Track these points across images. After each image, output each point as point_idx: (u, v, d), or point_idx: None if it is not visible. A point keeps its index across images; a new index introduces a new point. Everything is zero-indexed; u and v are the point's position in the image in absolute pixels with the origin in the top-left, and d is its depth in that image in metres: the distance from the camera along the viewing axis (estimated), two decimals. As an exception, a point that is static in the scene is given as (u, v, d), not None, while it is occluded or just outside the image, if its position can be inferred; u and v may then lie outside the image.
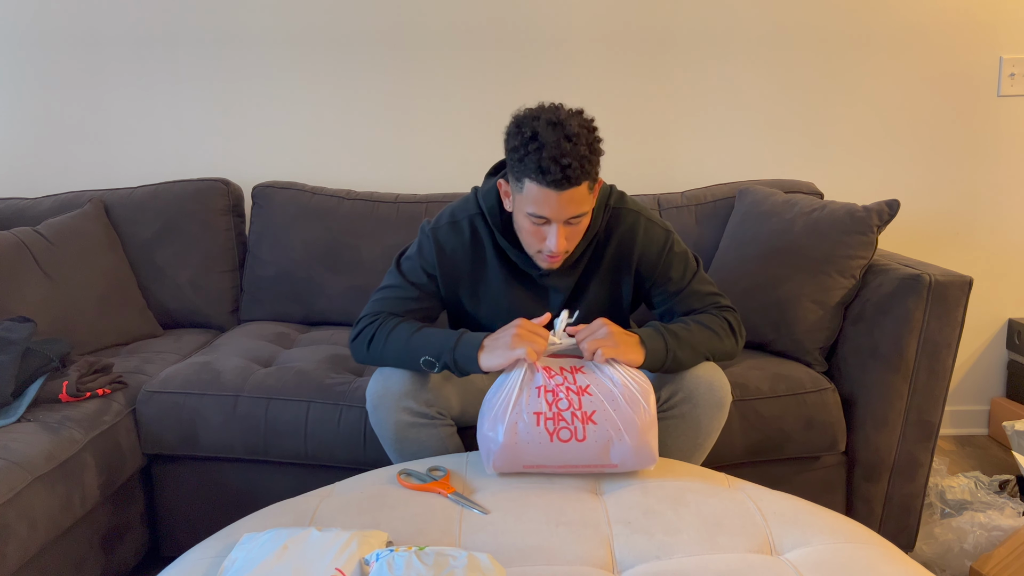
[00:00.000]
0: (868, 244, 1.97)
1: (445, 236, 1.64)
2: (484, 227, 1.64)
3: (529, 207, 1.47)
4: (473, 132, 2.63)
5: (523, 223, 1.51)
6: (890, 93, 2.62)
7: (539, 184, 1.43)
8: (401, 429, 1.59)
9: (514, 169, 1.48)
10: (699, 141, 2.66)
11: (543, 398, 1.41)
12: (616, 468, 1.41)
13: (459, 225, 1.64)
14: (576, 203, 1.46)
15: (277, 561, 1.09)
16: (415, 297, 1.65)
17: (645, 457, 1.40)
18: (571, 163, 1.41)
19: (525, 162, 1.44)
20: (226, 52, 2.62)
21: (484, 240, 1.64)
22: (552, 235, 1.49)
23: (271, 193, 2.47)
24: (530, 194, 1.46)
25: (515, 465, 1.41)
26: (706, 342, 1.60)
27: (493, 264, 1.64)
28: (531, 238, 1.53)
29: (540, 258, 1.56)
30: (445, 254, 1.63)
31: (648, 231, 1.64)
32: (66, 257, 2.23)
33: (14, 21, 2.61)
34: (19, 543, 1.50)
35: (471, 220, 1.64)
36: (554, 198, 1.44)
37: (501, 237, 1.61)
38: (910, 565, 1.16)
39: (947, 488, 2.10)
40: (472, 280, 1.66)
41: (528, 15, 2.58)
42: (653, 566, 1.16)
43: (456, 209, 1.66)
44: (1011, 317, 2.74)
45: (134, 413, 1.93)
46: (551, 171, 1.41)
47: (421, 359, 1.54)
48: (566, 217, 1.47)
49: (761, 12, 2.58)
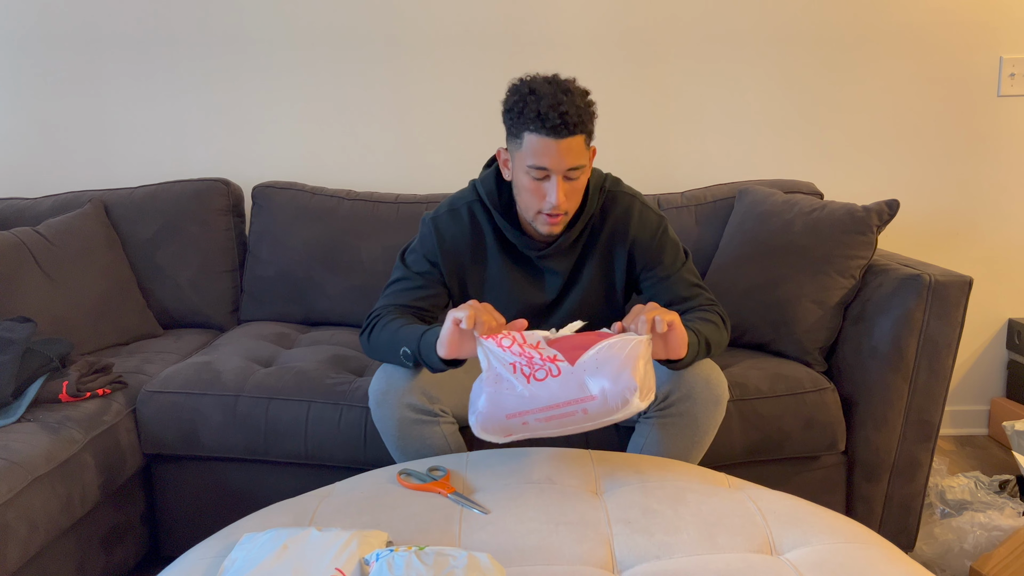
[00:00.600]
0: (868, 244, 1.97)
1: (445, 224, 1.67)
2: (482, 212, 1.67)
3: (529, 160, 1.50)
4: (473, 132, 2.63)
5: (523, 181, 1.54)
6: (890, 93, 2.62)
7: (538, 134, 1.48)
8: (404, 426, 1.60)
9: (513, 126, 1.52)
10: (699, 141, 2.66)
11: (518, 357, 1.38)
12: (596, 400, 1.35)
13: (458, 212, 1.67)
14: (574, 154, 1.50)
15: (277, 561, 1.09)
16: (420, 286, 1.68)
17: (624, 383, 1.35)
18: (568, 111, 1.46)
19: (524, 114, 1.48)
20: (226, 52, 2.62)
21: (483, 225, 1.67)
22: (552, 189, 1.51)
23: (271, 193, 2.47)
24: (530, 146, 1.49)
25: (499, 417, 1.37)
26: (717, 341, 1.61)
27: (493, 248, 1.67)
28: (531, 197, 1.55)
29: (540, 220, 1.57)
30: (446, 241, 1.67)
31: (643, 214, 1.67)
32: (66, 257, 2.23)
33: (14, 21, 2.61)
34: (19, 543, 1.50)
35: (469, 207, 1.67)
36: (553, 147, 1.48)
37: (500, 218, 1.64)
38: (910, 565, 1.16)
39: (947, 488, 2.10)
40: (473, 265, 1.69)
41: (528, 15, 2.58)
42: (653, 566, 1.16)
43: (454, 198, 1.70)
44: (1011, 317, 2.74)
45: (134, 413, 1.93)
46: (549, 117, 1.45)
47: (400, 350, 1.56)
48: (565, 167, 1.50)
49: (761, 12, 2.58)
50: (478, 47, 2.60)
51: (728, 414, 1.84)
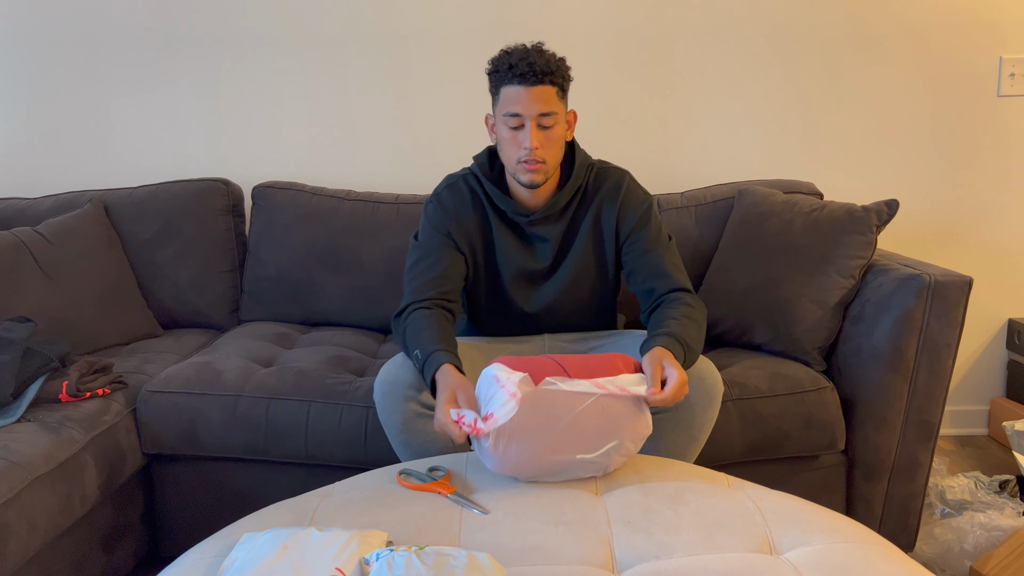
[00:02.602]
0: (867, 244, 1.97)
1: (447, 197, 1.78)
2: (476, 182, 1.78)
3: (504, 109, 1.64)
4: (473, 132, 2.63)
5: (503, 133, 1.67)
6: (890, 93, 2.62)
7: (510, 84, 1.62)
8: (409, 420, 1.62)
9: (493, 87, 1.67)
10: (699, 141, 2.66)
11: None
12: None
13: (455, 186, 1.79)
14: (544, 100, 1.62)
15: (277, 561, 1.09)
16: (437, 260, 1.73)
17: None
18: (535, 61, 1.61)
19: (499, 70, 1.64)
20: (226, 52, 2.62)
21: (479, 194, 1.77)
22: (527, 135, 1.63)
23: (271, 193, 2.47)
24: (505, 97, 1.64)
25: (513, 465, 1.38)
26: (701, 341, 1.64)
27: (491, 216, 1.77)
28: (510, 147, 1.66)
29: (521, 170, 1.67)
30: (450, 211, 1.77)
31: (631, 188, 1.77)
32: (66, 257, 2.23)
33: (14, 21, 2.61)
34: (19, 543, 1.50)
35: (464, 179, 1.79)
36: (524, 93, 1.61)
37: (491, 186, 1.74)
38: (910, 565, 1.16)
39: (947, 488, 2.10)
40: (479, 232, 1.77)
41: (528, 16, 2.58)
42: (653, 565, 1.16)
43: (449, 176, 1.82)
44: (1011, 317, 2.74)
45: (134, 413, 1.93)
46: (519, 67, 1.60)
47: (413, 352, 1.61)
48: (536, 112, 1.62)
49: (761, 12, 2.58)
50: (478, 47, 2.60)
51: (728, 414, 1.84)
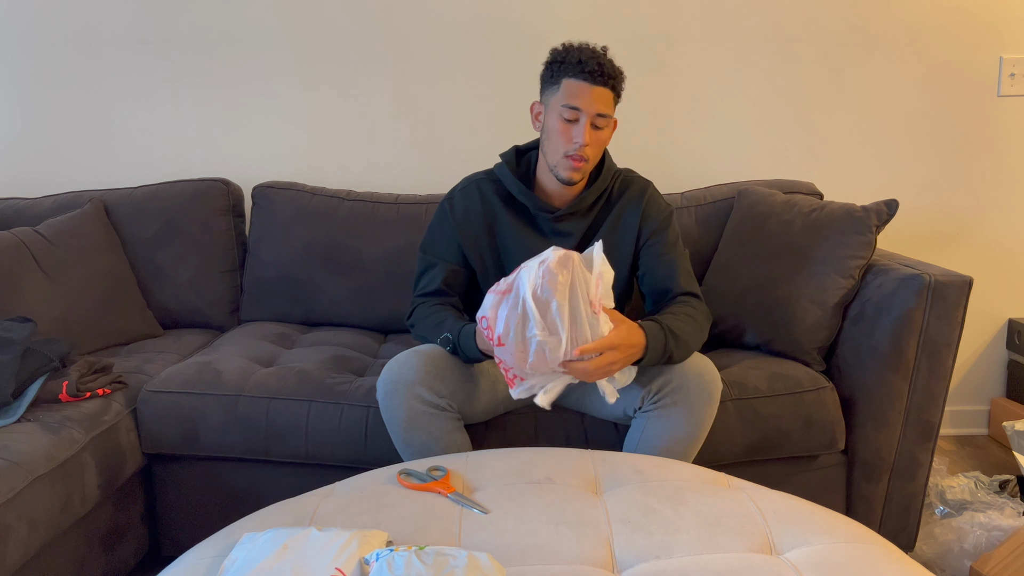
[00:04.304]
0: (867, 244, 1.97)
1: (458, 200, 1.83)
2: (490, 186, 1.82)
3: (564, 100, 1.67)
4: (473, 132, 2.63)
5: (554, 124, 1.69)
6: (890, 93, 2.62)
7: (576, 78, 1.66)
8: (412, 417, 1.63)
9: (552, 76, 1.70)
10: (699, 141, 2.66)
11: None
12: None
13: (468, 190, 1.83)
14: (603, 102, 1.68)
15: (277, 561, 1.09)
16: (442, 270, 1.82)
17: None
18: (604, 63, 1.67)
19: (566, 62, 1.67)
20: (226, 52, 2.62)
21: (491, 198, 1.81)
22: (581, 130, 1.67)
23: (271, 193, 2.47)
24: (566, 89, 1.67)
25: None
26: (696, 337, 1.69)
27: (503, 219, 1.80)
28: (560, 138, 1.69)
29: (564, 165, 1.70)
30: (458, 215, 1.82)
31: (655, 198, 1.83)
32: (66, 257, 2.23)
33: (14, 21, 2.61)
34: (19, 543, 1.50)
35: (477, 184, 1.83)
36: (587, 90, 1.66)
37: (516, 182, 1.77)
38: (910, 565, 1.16)
39: (947, 488, 2.10)
40: (487, 236, 1.82)
41: (528, 16, 2.58)
42: (653, 565, 1.16)
43: (465, 179, 1.87)
44: (1011, 317, 2.74)
45: (134, 413, 1.93)
46: (588, 63, 1.65)
47: (441, 336, 1.70)
48: (595, 111, 1.67)
49: (761, 12, 2.58)
50: (479, 47, 2.60)
51: (727, 413, 1.84)
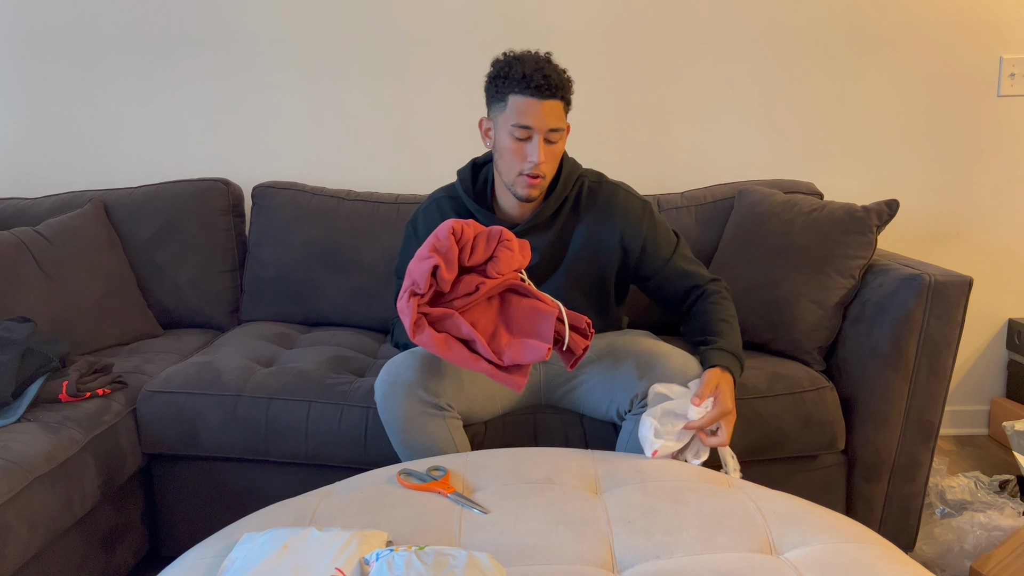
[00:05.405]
0: (867, 244, 1.97)
1: (421, 222, 1.82)
2: (449, 203, 1.80)
3: (513, 120, 1.62)
4: (473, 132, 2.63)
5: (506, 143, 1.65)
6: (890, 93, 2.62)
7: (522, 95, 1.60)
8: (411, 418, 1.62)
9: (498, 92, 1.64)
10: (699, 141, 2.66)
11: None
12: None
13: (429, 210, 1.82)
14: (554, 116, 1.62)
15: (277, 561, 1.09)
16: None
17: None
18: (550, 75, 1.60)
19: (509, 79, 1.61)
20: (226, 52, 2.62)
21: (450, 215, 1.78)
22: (534, 148, 1.62)
23: (271, 193, 2.47)
24: (515, 107, 1.61)
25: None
26: (736, 321, 1.74)
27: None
28: (513, 158, 1.65)
29: (520, 183, 1.67)
30: (421, 236, 1.79)
31: (629, 202, 1.77)
32: (66, 257, 2.23)
33: (14, 21, 2.61)
34: (19, 543, 1.50)
35: (438, 203, 1.81)
36: (536, 106, 1.60)
37: (471, 201, 1.75)
38: (910, 565, 1.16)
39: (947, 488, 2.10)
40: None
41: (528, 16, 2.58)
42: (653, 565, 1.16)
43: (428, 197, 1.86)
44: (1011, 317, 2.74)
45: (134, 413, 1.93)
46: (533, 78, 1.59)
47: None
48: (547, 127, 1.62)
49: (761, 12, 2.58)
50: (479, 47, 2.60)
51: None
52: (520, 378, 1.51)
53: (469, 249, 1.51)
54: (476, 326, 1.52)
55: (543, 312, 1.54)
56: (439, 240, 1.50)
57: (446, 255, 1.49)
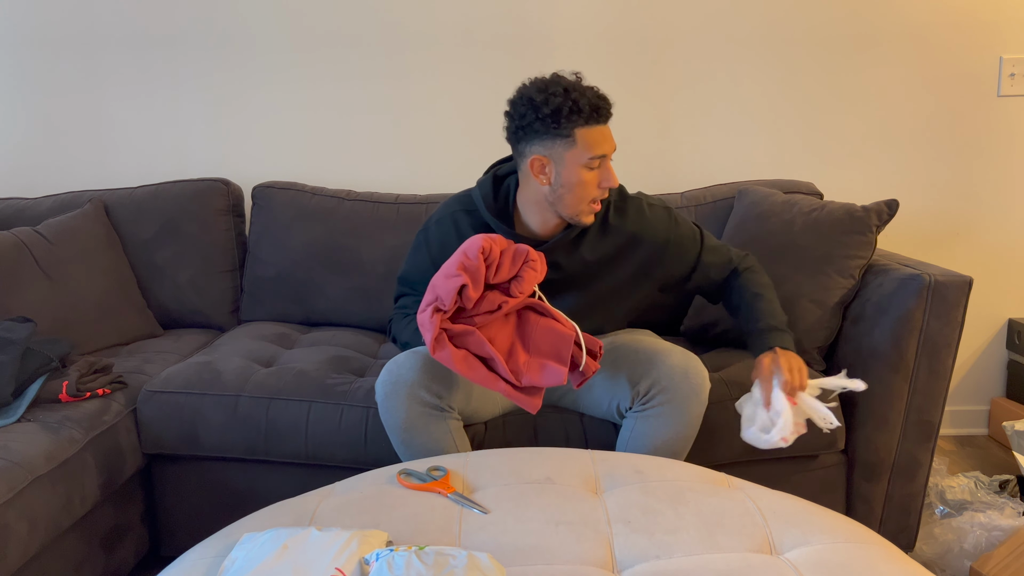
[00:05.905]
0: (867, 244, 1.97)
1: (433, 234, 1.78)
2: (465, 218, 1.74)
3: (588, 153, 1.59)
4: (473, 132, 2.63)
5: (580, 177, 1.61)
6: (890, 93, 2.62)
7: (589, 125, 1.58)
8: (412, 419, 1.62)
9: (561, 128, 1.57)
10: (699, 141, 2.66)
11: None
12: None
13: (443, 222, 1.77)
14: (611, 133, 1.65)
15: (277, 561, 1.09)
16: (414, 302, 1.80)
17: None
18: (604, 95, 1.60)
19: (575, 113, 1.56)
20: (226, 52, 2.62)
21: (467, 232, 1.73)
22: (606, 171, 1.62)
23: (271, 193, 2.47)
24: (586, 140, 1.59)
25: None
26: (772, 287, 1.80)
27: None
28: (586, 189, 1.62)
29: (588, 209, 1.65)
30: (434, 248, 1.77)
31: (653, 215, 1.76)
32: (66, 257, 2.23)
33: (14, 21, 2.61)
34: (19, 543, 1.50)
35: (453, 217, 1.76)
36: (606, 132, 1.61)
37: (495, 220, 1.69)
38: (910, 565, 1.16)
39: (947, 488, 2.10)
40: None
41: (528, 16, 2.58)
42: (653, 565, 1.16)
43: (440, 210, 1.80)
44: (1011, 317, 2.74)
45: (134, 413, 1.93)
46: (600, 107, 1.58)
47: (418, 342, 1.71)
48: (614, 147, 1.63)
49: (761, 13, 2.58)
50: (479, 47, 2.60)
51: (727, 414, 1.84)
52: (537, 400, 1.53)
53: (495, 267, 1.51)
54: (493, 342, 1.52)
55: (562, 335, 1.54)
56: (468, 259, 1.48)
57: (474, 275, 1.48)
